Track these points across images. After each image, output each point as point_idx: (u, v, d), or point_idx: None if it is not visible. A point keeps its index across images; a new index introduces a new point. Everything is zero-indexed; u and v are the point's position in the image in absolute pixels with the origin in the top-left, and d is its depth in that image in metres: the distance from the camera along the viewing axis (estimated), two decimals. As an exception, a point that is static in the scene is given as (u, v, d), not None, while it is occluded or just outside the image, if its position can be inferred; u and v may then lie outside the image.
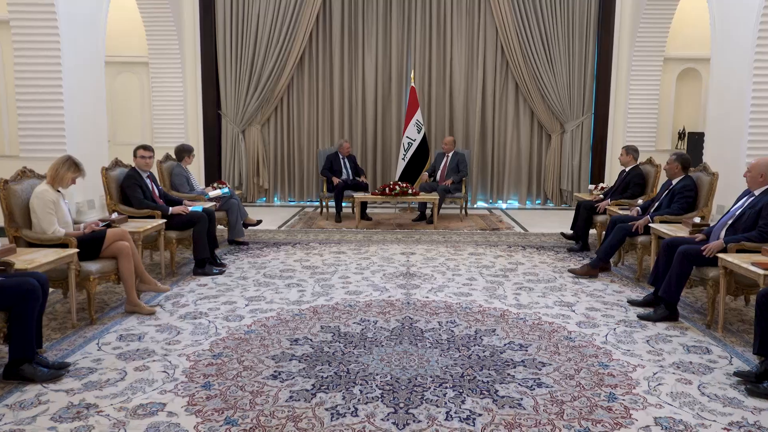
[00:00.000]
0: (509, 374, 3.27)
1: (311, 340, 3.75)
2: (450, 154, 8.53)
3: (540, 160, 10.11)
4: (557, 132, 9.90)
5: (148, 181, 5.45)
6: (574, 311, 4.38)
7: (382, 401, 2.94)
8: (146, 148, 5.41)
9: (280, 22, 9.50)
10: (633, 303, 4.53)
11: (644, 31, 9.27)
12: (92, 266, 4.04)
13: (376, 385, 3.12)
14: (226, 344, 3.69)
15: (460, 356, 3.51)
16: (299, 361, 3.43)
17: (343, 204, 8.39)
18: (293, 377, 3.22)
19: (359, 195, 7.95)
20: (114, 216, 4.86)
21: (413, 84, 9.21)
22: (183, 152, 6.59)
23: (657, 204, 5.40)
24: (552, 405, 2.92)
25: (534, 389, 3.09)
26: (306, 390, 3.06)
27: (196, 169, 9.84)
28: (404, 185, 7.82)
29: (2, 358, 3.30)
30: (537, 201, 10.20)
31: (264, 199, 10.21)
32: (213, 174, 9.90)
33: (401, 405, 2.90)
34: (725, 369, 3.36)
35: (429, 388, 3.09)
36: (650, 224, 5.12)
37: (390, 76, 9.86)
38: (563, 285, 5.11)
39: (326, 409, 2.86)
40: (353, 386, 3.11)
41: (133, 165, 5.44)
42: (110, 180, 5.31)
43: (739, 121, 6.58)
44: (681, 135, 9.82)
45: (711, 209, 5.24)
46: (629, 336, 3.88)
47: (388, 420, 2.77)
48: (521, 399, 2.98)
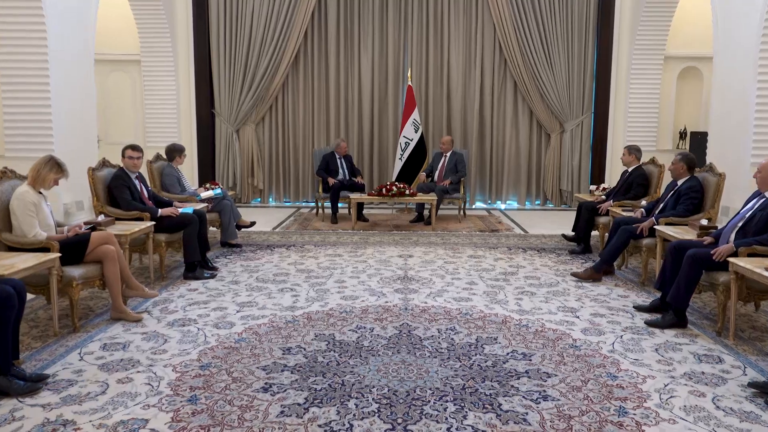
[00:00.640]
0: (513, 386, 3.10)
1: (304, 349, 3.58)
2: (448, 154, 8.37)
3: (539, 160, 9.96)
4: (556, 131, 9.74)
5: (137, 182, 5.27)
6: (579, 317, 4.22)
7: (379, 416, 2.77)
8: (135, 148, 5.22)
9: (275, 20, 9.32)
10: (639, 309, 4.36)
11: (644, 29, 9.12)
12: (75, 271, 3.86)
13: (373, 399, 2.95)
14: (215, 354, 3.51)
15: (461, 366, 3.35)
16: (291, 372, 3.25)
17: (340, 205, 8.22)
18: (285, 390, 3.04)
19: (355, 196, 7.77)
20: (100, 218, 4.67)
21: (410, 83, 9.05)
22: (174, 152, 6.41)
23: (662, 205, 5.24)
24: (559, 420, 2.76)
25: (539, 402, 2.92)
26: (298, 404, 2.89)
27: (189, 170, 9.67)
28: (401, 186, 7.65)
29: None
30: (536, 201, 10.05)
31: (259, 200, 10.03)
32: (207, 174, 9.72)
33: (399, 421, 2.74)
34: (739, 380, 3.20)
35: (428, 402, 2.92)
36: (655, 226, 4.96)
37: (386, 75, 9.69)
38: (566, 289, 4.94)
39: (319, 426, 2.69)
40: (348, 400, 2.94)
41: (122, 165, 5.25)
42: (97, 181, 5.12)
43: (744, 120, 6.43)
44: (682, 134, 9.67)
45: (718, 211, 5.08)
46: (637, 344, 3.71)
47: (386, 437, 2.60)
48: (526, 413, 2.82)
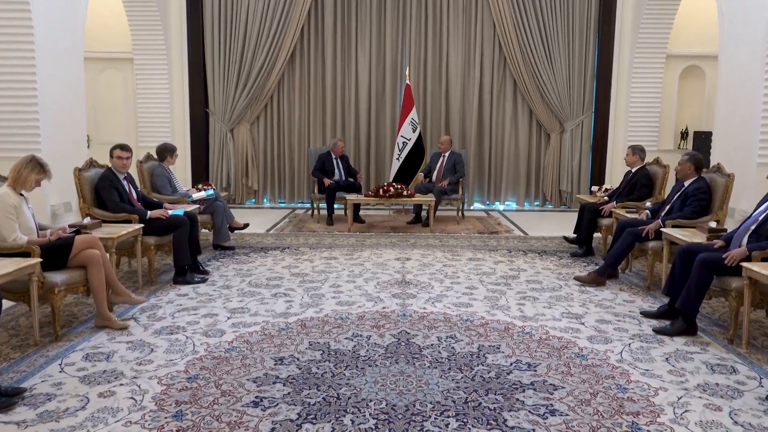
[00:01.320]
0: (518, 399, 2.93)
1: (298, 360, 3.41)
2: (446, 154, 8.20)
3: (539, 161, 9.79)
4: (556, 131, 9.58)
5: (125, 183, 5.08)
6: (584, 324, 4.06)
7: (377, 434, 2.61)
8: (123, 148, 5.04)
9: (271, 17, 9.14)
10: (646, 315, 4.20)
11: (646, 27, 8.96)
12: (57, 277, 3.68)
13: (370, 414, 2.78)
14: (204, 364, 3.33)
15: (463, 378, 3.18)
16: (284, 385, 3.08)
17: (336, 206, 8.05)
18: (277, 404, 2.87)
19: (352, 197, 7.60)
20: (86, 221, 4.49)
21: (408, 81, 8.87)
22: (165, 152, 6.23)
23: (668, 207, 5.08)
24: (568, 438, 2.59)
25: (547, 418, 2.76)
26: (290, 420, 2.72)
27: (183, 170, 9.48)
28: (399, 186, 7.48)
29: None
30: (535, 202, 9.88)
31: (253, 201, 9.84)
32: (200, 175, 9.53)
33: (398, 439, 2.57)
34: (756, 392, 3.04)
35: (429, 417, 2.75)
36: (662, 229, 4.80)
37: (384, 73, 9.51)
38: (569, 294, 4.78)
39: (313, 444, 2.52)
40: (344, 415, 2.76)
41: (110, 165, 5.07)
42: (84, 181, 4.94)
43: (750, 120, 6.27)
44: (683, 134, 9.52)
45: (726, 213, 4.92)
46: (646, 353, 3.55)
47: (384, 457, 2.43)
48: (533, 431, 2.65)
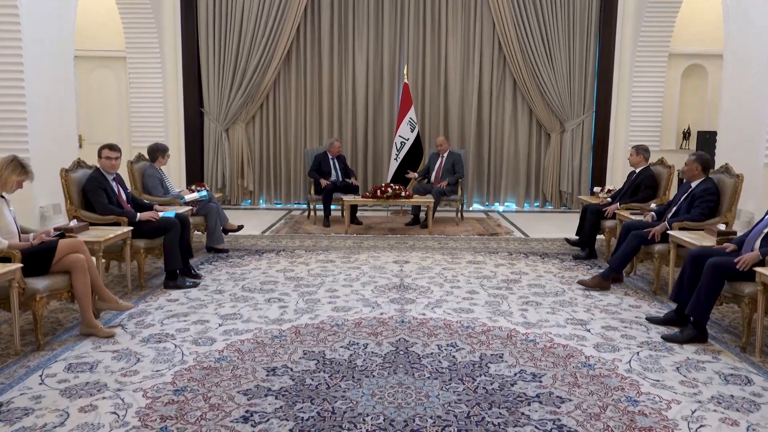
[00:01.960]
0: (523, 413, 2.78)
1: (291, 370, 3.24)
2: (445, 155, 8.05)
3: (539, 161, 9.64)
4: (557, 131, 9.43)
5: (114, 184, 4.92)
6: (590, 331, 3.90)
7: (374, 452, 2.45)
8: (112, 148, 4.87)
9: (266, 14, 8.97)
10: (653, 321, 4.05)
11: (648, 25, 8.81)
12: (39, 283, 3.51)
13: (367, 430, 2.62)
14: (192, 375, 3.17)
15: (465, 390, 3.02)
16: (276, 398, 2.91)
17: (332, 207, 7.88)
18: (268, 419, 2.71)
19: (349, 198, 7.43)
20: (72, 223, 4.32)
21: (406, 80, 8.71)
22: (156, 152, 6.05)
23: (674, 209, 4.93)
24: (578, 456, 2.44)
25: (554, 434, 2.60)
26: (282, 437, 2.56)
27: (177, 171, 9.33)
28: (397, 187, 7.32)
29: None
30: (535, 203, 9.73)
31: (249, 202, 9.68)
32: (195, 175, 9.36)
33: (397, 458, 2.41)
34: (773, 405, 2.89)
35: (429, 433, 2.59)
36: (668, 231, 4.65)
37: (382, 72, 9.35)
38: (573, 299, 4.62)
39: (306, 464, 2.36)
40: (339, 431, 2.60)
41: (98, 166, 4.90)
42: (71, 183, 4.77)
43: (756, 119, 6.13)
44: (686, 134, 9.38)
45: (735, 215, 4.77)
46: (656, 362, 3.40)
47: (381, 479, 2.27)
48: (540, 448, 2.49)
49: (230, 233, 6.54)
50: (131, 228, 4.64)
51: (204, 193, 6.11)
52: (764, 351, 3.53)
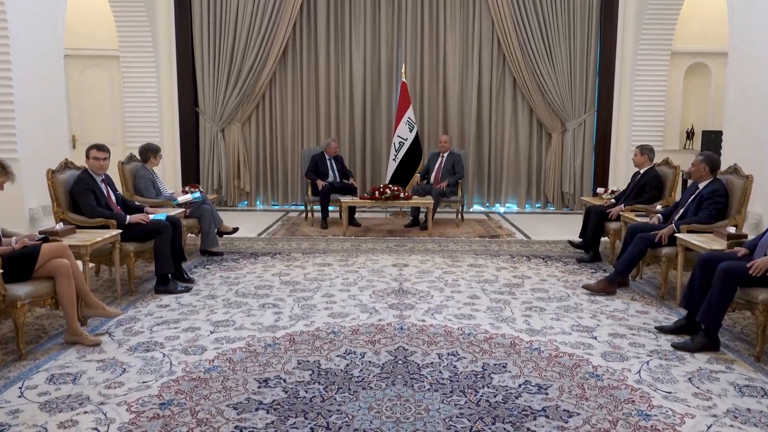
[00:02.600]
0: (529, 429, 2.62)
1: (284, 381, 3.09)
2: (445, 155, 7.89)
3: (540, 161, 9.48)
4: (558, 131, 9.28)
5: (104, 186, 4.76)
6: (596, 338, 3.75)
7: (371, 473, 2.29)
8: (100, 148, 4.70)
9: (262, 13, 8.81)
10: (662, 330, 3.88)
11: (650, 23, 8.65)
12: (21, 289, 3.35)
13: (363, 448, 2.47)
14: (180, 387, 3.01)
15: (467, 403, 2.86)
16: (267, 412, 2.76)
17: (330, 208, 7.73)
18: (258, 436, 2.56)
19: (347, 199, 7.28)
20: (58, 227, 4.17)
21: (404, 79, 8.54)
22: (148, 152, 5.89)
23: (682, 211, 4.78)
24: (589, 477, 2.28)
25: (563, 452, 2.45)
26: (273, 456, 2.41)
27: (172, 172, 9.18)
28: (395, 188, 7.17)
29: None
30: (536, 204, 9.58)
31: (245, 203, 9.51)
32: (191, 176, 9.21)
33: (395, 479, 2.26)
34: (793, 419, 2.74)
35: (430, 452, 2.44)
36: (676, 234, 4.50)
37: (379, 71, 9.20)
38: (578, 304, 4.47)
39: (298, 486, 2.21)
40: (334, 449, 2.45)
41: (86, 167, 4.74)
42: (58, 184, 4.60)
43: (763, 118, 5.99)
44: (689, 134, 9.23)
45: (744, 217, 4.62)
46: (667, 372, 3.24)
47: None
48: (548, 468, 2.34)
49: (225, 236, 6.39)
50: (120, 231, 4.48)
51: (197, 195, 5.95)
52: (779, 360, 3.38)
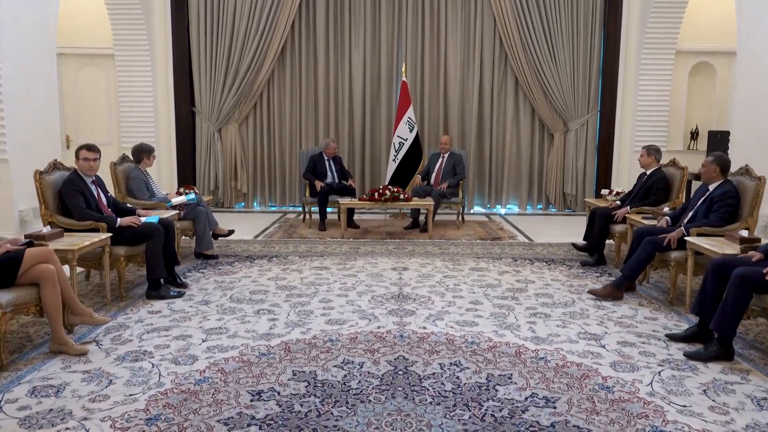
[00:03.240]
0: (537, 447, 2.47)
1: (279, 394, 2.93)
2: (446, 155, 7.74)
3: (541, 162, 9.34)
4: (560, 131, 9.13)
5: (94, 187, 4.60)
6: (605, 347, 3.59)
7: (369, 496, 2.14)
8: (90, 149, 4.55)
9: (260, 11, 8.66)
10: (673, 338, 3.72)
11: (655, 22, 8.51)
12: (3, 297, 3.19)
13: (361, 468, 2.31)
14: (168, 400, 2.86)
15: (471, 417, 2.71)
16: (260, 428, 2.60)
17: (328, 210, 7.58)
18: (250, 454, 2.40)
19: (345, 201, 7.12)
20: (45, 230, 4.02)
21: (404, 78, 8.39)
22: (141, 152, 5.73)
23: (691, 213, 4.63)
24: (603, 501, 2.13)
25: (574, 473, 2.30)
26: (265, 478, 2.25)
27: (168, 172, 9.03)
28: (395, 190, 7.01)
29: None
30: (538, 206, 9.43)
31: (242, 205, 9.36)
32: (187, 177, 9.05)
33: (395, 504, 2.10)
34: (816, 435, 2.59)
35: (432, 472, 2.29)
36: (686, 237, 4.35)
37: (379, 70, 9.05)
38: (584, 310, 4.32)
39: None
40: (330, 470, 2.30)
41: (76, 168, 4.58)
42: (46, 186, 4.45)
43: (773, 118, 5.85)
44: (693, 134, 9.08)
45: (756, 220, 4.47)
46: (680, 384, 3.09)
47: None
48: (559, 491, 2.19)
49: (220, 238, 6.23)
50: (110, 234, 4.33)
51: (192, 196, 5.80)
52: (797, 370, 3.23)
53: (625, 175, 8.91)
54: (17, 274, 3.30)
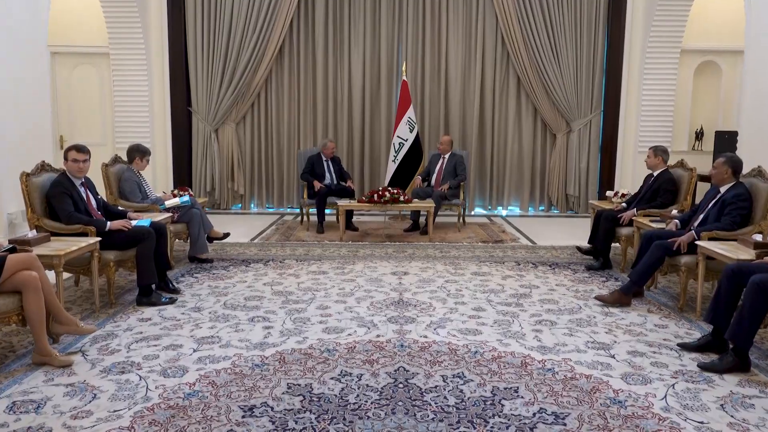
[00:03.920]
0: (547, 469, 2.31)
1: (272, 409, 2.77)
2: (447, 156, 7.58)
3: (544, 162, 9.18)
4: (563, 131, 8.97)
5: (83, 189, 4.44)
6: (615, 357, 3.43)
7: None
8: (80, 150, 4.38)
9: (258, 8, 8.50)
10: (686, 348, 3.56)
11: (660, 20, 8.34)
12: (-18, 306, 3.04)
13: (359, 494, 2.15)
14: (155, 417, 2.69)
15: (476, 436, 2.55)
16: (251, 448, 2.45)
17: (327, 212, 7.42)
18: (239, 478, 2.24)
19: (344, 202, 6.96)
20: (30, 234, 3.86)
21: (405, 78, 8.23)
22: (134, 152, 5.56)
23: (702, 216, 4.47)
24: None
25: (587, 499, 2.14)
26: (255, 505, 2.09)
27: (164, 173, 8.87)
28: (395, 191, 6.85)
29: None
30: (540, 207, 9.27)
31: (239, 206, 9.20)
32: (183, 178, 8.90)
33: None
34: (844, 456, 2.43)
35: (435, 498, 2.13)
36: (696, 242, 4.19)
37: (379, 69, 8.89)
38: (591, 317, 4.16)
39: None
40: (325, 496, 2.14)
41: (65, 169, 4.42)
42: (32, 188, 4.28)
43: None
44: (698, 134, 8.92)
45: (769, 223, 4.31)
46: (695, 397, 2.93)
47: None
48: None
49: (215, 241, 6.08)
50: (99, 239, 4.16)
51: (186, 199, 5.64)
52: (819, 383, 3.07)
53: (629, 176, 8.76)
54: (-2, 282, 3.14)
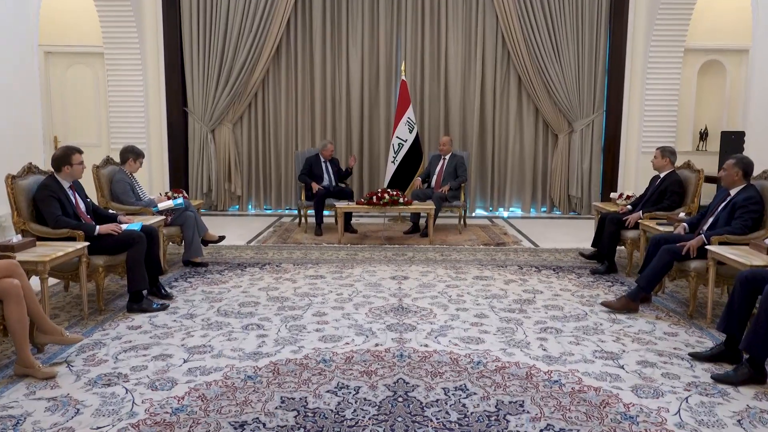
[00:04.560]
0: (557, 493, 2.17)
1: (264, 426, 2.62)
2: (447, 157, 7.44)
3: (545, 163, 9.03)
4: (565, 132, 8.83)
5: (71, 192, 4.29)
6: (624, 368, 3.29)
7: None
8: (80, 152, 4.25)
9: (254, 8, 8.36)
10: (697, 357, 3.42)
11: (663, 18, 8.20)
12: (-40, 316, 2.90)
13: None
14: (140, 434, 2.55)
15: (480, 455, 2.41)
16: (241, 469, 2.30)
17: (325, 213, 7.28)
18: (228, 503, 2.10)
19: (342, 204, 6.81)
20: (14, 239, 3.71)
21: (404, 77, 8.09)
22: (127, 153, 5.41)
23: (711, 220, 4.33)
24: None
25: None
26: None
27: (160, 174, 8.73)
28: (394, 193, 6.71)
29: None
30: (542, 209, 9.13)
31: (236, 207, 9.05)
32: (179, 179, 8.77)
33: None
34: None
35: None
36: (706, 246, 4.05)
37: (378, 69, 8.74)
38: (598, 324, 4.01)
39: None
40: None
41: (52, 171, 4.27)
42: (18, 191, 4.13)
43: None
44: (702, 135, 8.78)
45: (782, 227, 4.17)
46: (710, 412, 2.78)
47: None
48: None
49: (210, 244, 5.93)
50: (86, 244, 4.01)
51: (180, 201, 5.49)
52: (839, 396, 2.92)
53: (632, 177, 8.63)
54: (-23, 290, 3.00)
